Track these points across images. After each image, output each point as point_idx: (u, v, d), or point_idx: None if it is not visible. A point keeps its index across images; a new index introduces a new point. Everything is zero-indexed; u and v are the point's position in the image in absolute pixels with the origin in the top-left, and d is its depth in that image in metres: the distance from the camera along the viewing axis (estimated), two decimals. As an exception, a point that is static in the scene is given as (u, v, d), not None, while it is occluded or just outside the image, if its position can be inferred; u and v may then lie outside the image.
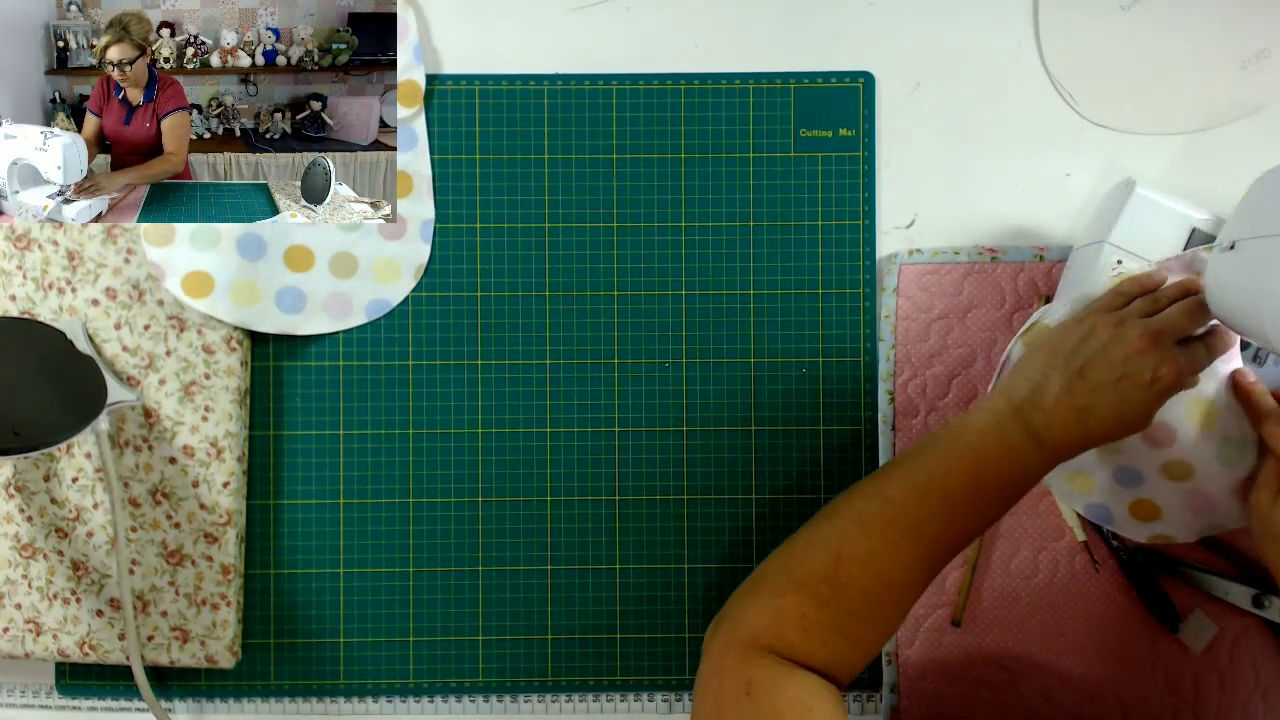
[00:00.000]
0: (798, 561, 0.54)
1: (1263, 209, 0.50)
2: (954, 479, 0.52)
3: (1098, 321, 0.54)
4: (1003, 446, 0.52)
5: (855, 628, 0.52)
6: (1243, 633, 0.66)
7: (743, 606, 0.54)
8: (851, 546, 0.53)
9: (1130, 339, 0.52)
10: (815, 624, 0.51)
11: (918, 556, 0.52)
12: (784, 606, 0.52)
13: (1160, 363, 0.52)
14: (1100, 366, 0.52)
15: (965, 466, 0.53)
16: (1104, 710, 0.66)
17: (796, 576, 0.53)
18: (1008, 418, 0.53)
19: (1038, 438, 0.52)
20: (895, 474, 0.55)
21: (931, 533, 0.52)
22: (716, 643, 0.53)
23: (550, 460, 0.69)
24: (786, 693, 0.49)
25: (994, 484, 0.53)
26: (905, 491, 0.53)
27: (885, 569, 0.52)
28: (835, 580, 0.52)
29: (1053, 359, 0.54)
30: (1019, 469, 0.53)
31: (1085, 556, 0.67)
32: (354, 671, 0.68)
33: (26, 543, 0.67)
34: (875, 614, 0.52)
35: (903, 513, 0.53)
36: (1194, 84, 0.69)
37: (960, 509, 0.53)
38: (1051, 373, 0.53)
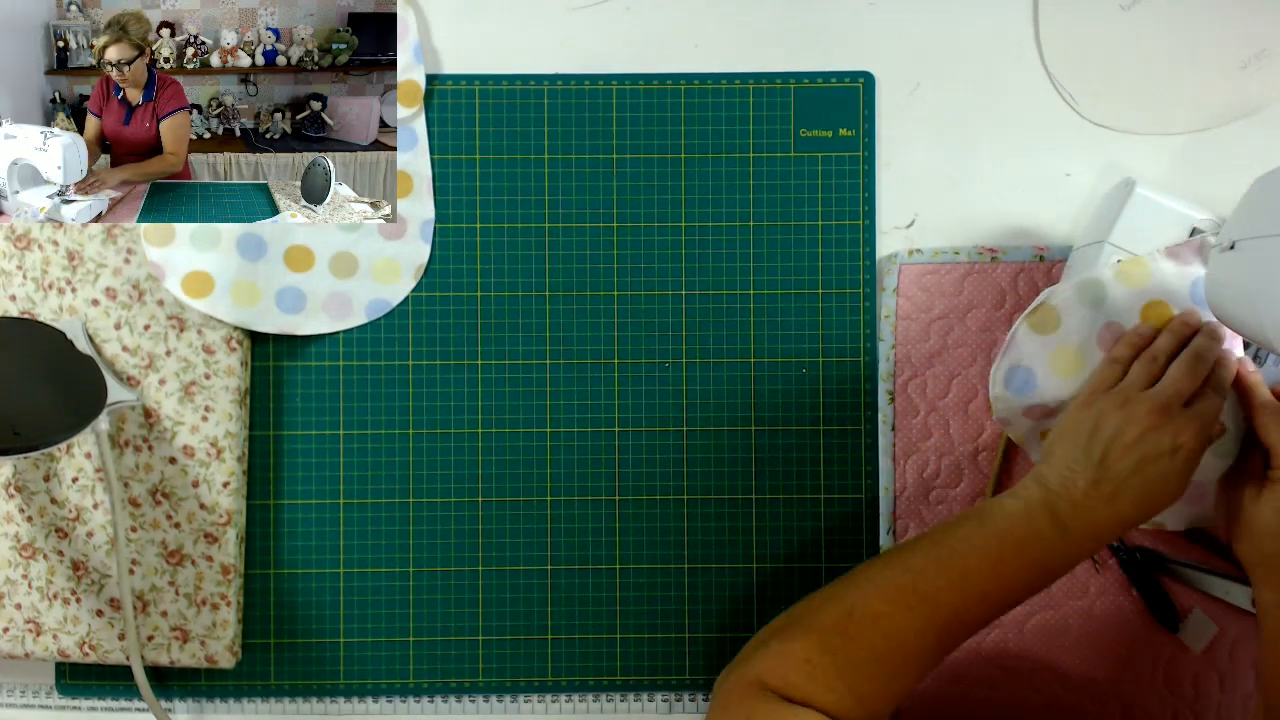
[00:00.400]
0: (810, 614, 0.54)
1: (1263, 209, 0.50)
2: (976, 556, 0.53)
3: (1104, 406, 0.55)
4: (1029, 532, 0.53)
5: (860, 681, 0.52)
6: (1243, 633, 0.66)
7: (753, 651, 0.54)
8: (864, 605, 0.53)
9: (1139, 416, 0.53)
10: (820, 670, 0.51)
11: (930, 624, 0.52)
12: (791, 650, 0.52)
13: (1177, 433, 0.52)
14: (1118, 453, 0.52)
15: (989, 546, 0.53)
16: (1104, 710, 0.66)
17: (807, 626, 0.53)
18: (1037, 505, 0.53)
19: (1064, 527, 0.52)
20: (920, 545, 0.55)
21: (947, 603, 0.52)
22: (724, 686, 0.53)
23: (550, 460, 0.69)
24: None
25: (1015, 567, 0.53)
26: (926, 562, 0.54)
27: (895, 630, 0.52)
28: (845, 633, 0.52)
29: (1073, 451, 0.54)
30: (1041, 556, 0.53)
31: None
32: (354, 671, 0.68)
33: (26, 543, 0.67)
34: (881, 672, 0.52)
35: (920, 580, 0.53)
36: (1194, 84, 0.69)
37: (978, 586, 0.53)
38: (1076, 466, 0.53)
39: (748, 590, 0.69)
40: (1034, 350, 0.61)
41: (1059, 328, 0.60)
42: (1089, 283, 0.59)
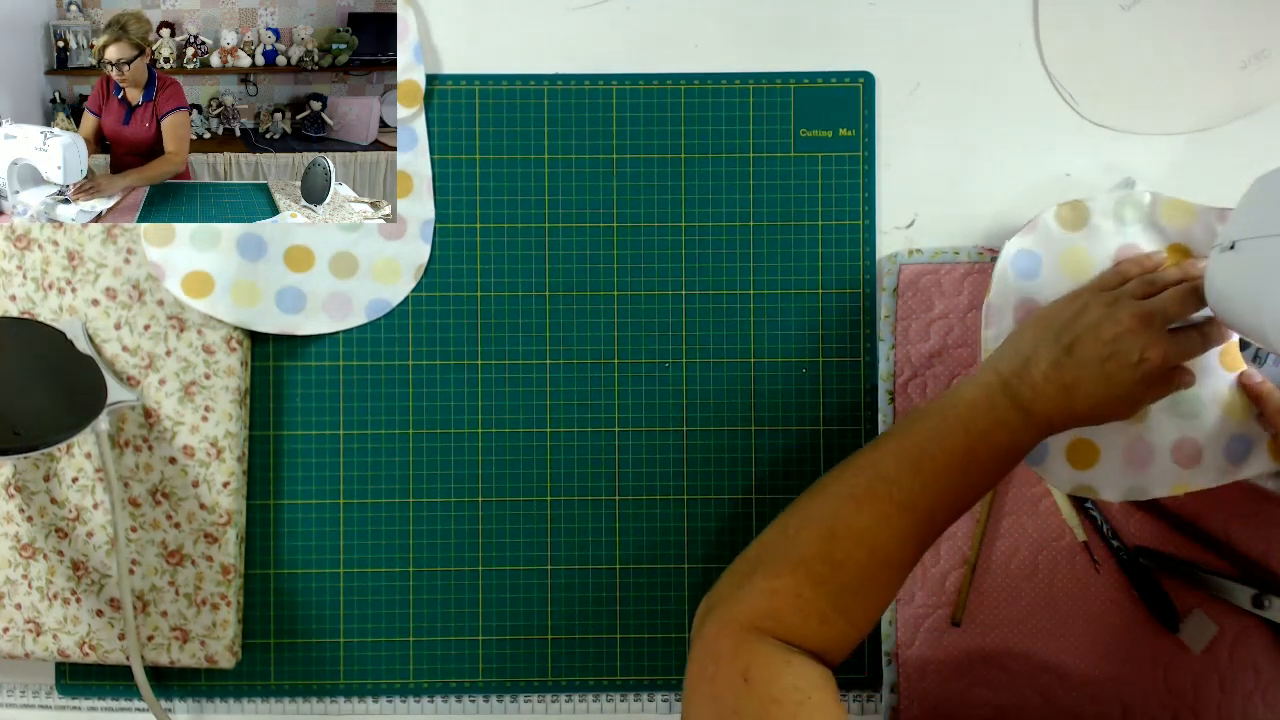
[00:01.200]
0: (791, 541, 0.54)
1: (1263, 209, 0.50)
2: (945, 452, 0.53)
3: (1091, 299, 0.55)
4: (992, 419, 0.53)
5: (851, 604, 0.52)
6: (1243, 633, 0.66)
7: (737, 588, 0.53)
8: (845, 523, 0.53)
9: (1121, 318, 0.53)
10: (812, 603, 0.51)
11: (912, 530, 0.53)
12: (780, 588, 0.52)
13: (1148, 345, 0.52)
14: (1088, 343, 0.52)
15: (956, 439, 0.53)
16: (1104, 710, 0.66)
17: (791, 556, 0.53)
18: (996, 390, 0.53)
19: (1026, 410, 0.53)
20: (887, 448, 0.55)
21: (926, 506, 0.53)
22: (710, 626, 0.53)
23: (550, 460, 0.69)
24: (783, 680, 0.49)
25: (985, 456, 0.53)
26: (898, 466, 0.53)
27: (880, 544, 0.52)
28: (830, 558, 0.52)
29: (1043, 333, 0.54)
30: (1009, 441, 0.53)
31: (1085, 556, 0.67)
32: (354, 671, 0.68)
33: (26, 543, 0.67)
34: (871, 589, 0.53)
35: (896, 487, 0.53)
36: (1194, 84, 0.69)
37: (953, 482, 0.53)
38: (1041, 347, 0.53)
39: (748, 590, 0.68)
40: (1051, 240, 0.61)
41: (1083, 228, 0.61)
42: (1133, 201, 0.60)
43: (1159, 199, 0.60)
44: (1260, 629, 0.66)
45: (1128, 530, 0.67)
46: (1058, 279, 0.61)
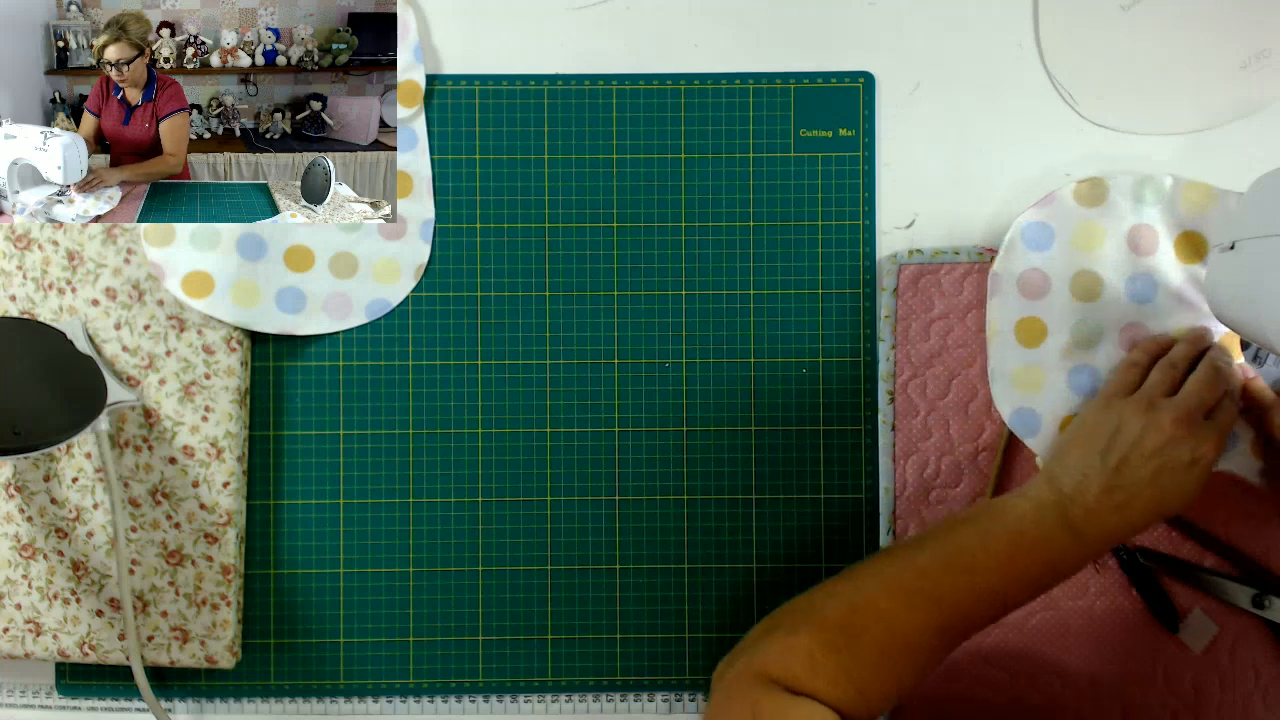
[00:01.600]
0: (814, 608, 0.54)
1: (1262, 209, 0.50)
2: (985, 557, 0.53)
3: (1125, 411, 0.54)
4: (1040, 534, 0.53)
5: (863, 677, 0.52)
6: (1243, 633, 0.66)
7: (755, 643, 0.54)
8: (870, 601, 0.53)
9: (1164, 426, 0.52)
10: (823, 666, 0.51)
11: (935, 623, 0.52)
12: (795, 645, 0.52)
13: (1198, 445, 0.52)
14: (1136, 462, 0.52)
15: (999, 547, 0.53)
16: (1104, 710, 0.66)
17: (811, 620, 0.53)
18: (1049, 508, 0.53)
19: (1077, 532, 0.52)
20: (928, 544, 0.55)
21: (953, 603, 0.52)
22: (727, 676, 0.53)
23: (550, 460, 0.69)
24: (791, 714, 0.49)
25: (1024, 568, 0.53)
26: (933, 561, 0.53)
27: (899, 628, 0.52)
28: (848, 629, 0.52)
29: (1089, 456, 0.54)
30: (1052, 559, 0.53)
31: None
32: (354, 671, 0.68)
33: (26, 543, 0.67)
34: (884, 669, 0.52)
35: (925, 580, 0.53)
36: (1194, 84, 0.69)
37: (985, 586, 0.53)
38: (1090, 471, 0.53)
39: (748, 590, 0.69)
40: (1066, 214, 0.61)
41: (1101, 204, 0.61)
42: (1153, 183, 0.60)
43: (1180, 182, 0.61)
44: (1260, 629, 0.66)
45: (1128, 530, 0.67)
46: (1068, 253, 0.62)
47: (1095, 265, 0.62)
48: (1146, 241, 0.61)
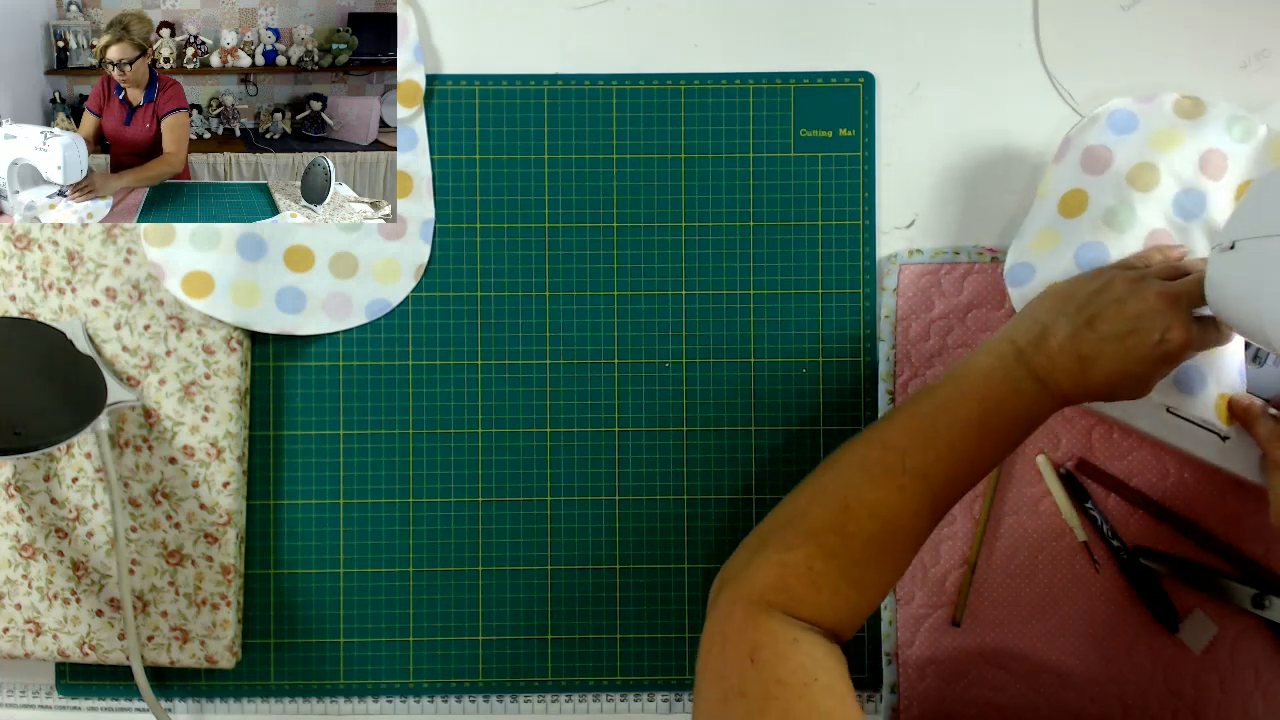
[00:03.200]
0: (803, 514, 0.54)
1: (1263, 209, 0.50)
2: (959, 422, 0.53)
3: (1116, 276, 0.54)
4: (1007, 388, 0.52)
5: (863, 575, 0.52)
6: (1243, 633, 0.66)
7: (748, 562, 0.53)
8: (858, 495, 0.52)
9: (1147, 296, 0.52)
10: (823, 575, 0.51)
11: (925, 501, 0.52)
12: (791, 560, 0.52)
13: (1171, 325, 0.51)
14: (1111, 319, 0.52)
15: (970, 409, 0.53)
16: (1104, 710, 0.66)
17: (803, 529, 0.53)
18: (1011, 360, 0.53)
19: (1040, 380, 0.52)
20: (899, 420, 0.54)
21: (938, 476, 0.52)
22: (723, 600, 0.53)
23: (550, 460, 0.69)
24: (790, 662, 0.49)
25: (999, 425, 0.53)
26: (910, 437, 0.53)
27: (893, 515, 0.52)
28: (843, 530, 0.52)
29: (1064, 305, 0.54)
30: (1024, 410, 0.53)
31: (1085, 556, 0.67)
32: (354, 671, 0.68)
33: (26, 543, 0.67)
34: (883, 560, 0.52)
35: (908, 458, 0.52)
36: (1194, 84, 0.69)
37: (966, 452, 0.53)
38: (1060, 318, 0.53)
39: (748, 590, 0.68)
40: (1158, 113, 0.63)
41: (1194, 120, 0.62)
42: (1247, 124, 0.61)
43: (1274, 134, 0.61)
44: (1260, 629, 0.66)
45: (1128, 530, 0.67)
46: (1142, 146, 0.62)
47: (1160, 163, 0.61)
48: (1215, 167, 0.61)
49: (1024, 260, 0.62)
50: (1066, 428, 0.67)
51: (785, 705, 0.47)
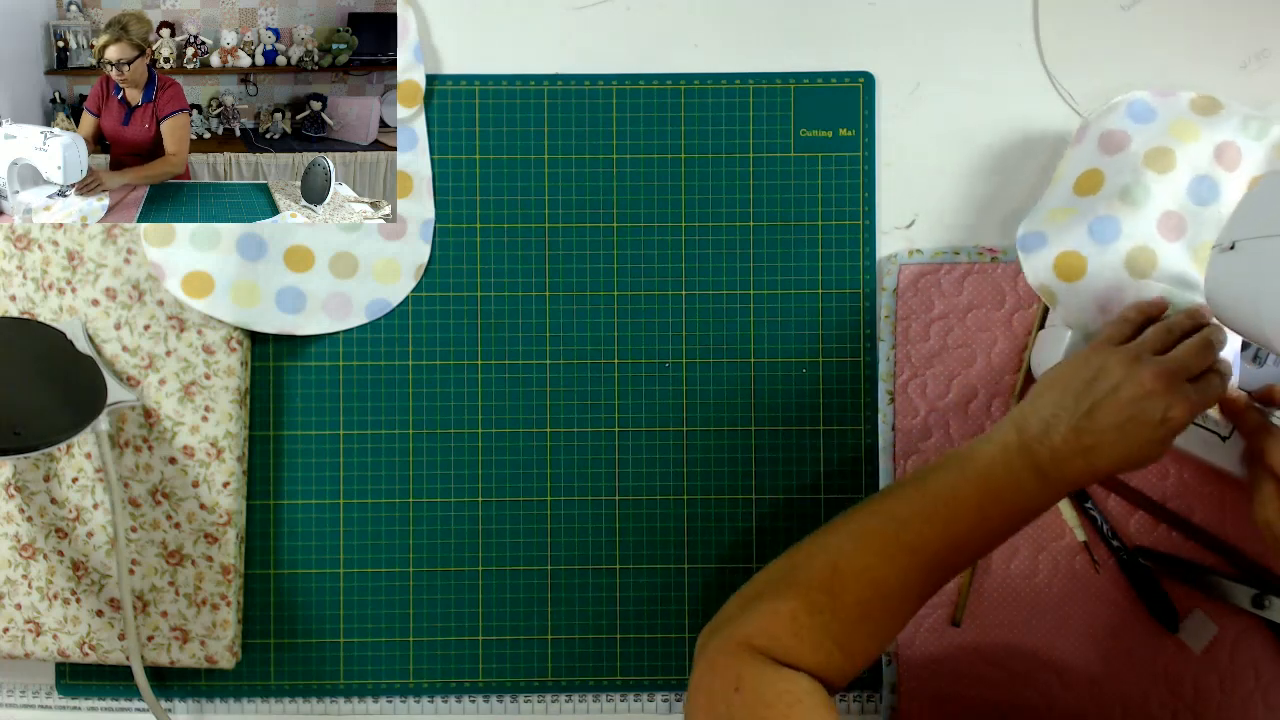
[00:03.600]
0: (795, 570, 0.55)
1: (1263, 209, 0.50)
2: (959, 504, 0.53)
3: (1110, 359, 0.54)
4: (1009, 479, 0.53)
5: (848, 636, 0.53)
6: (1243, 633, 0.66)
7: (739, 611, 0.54)
8: (849, 559, 0.53)
9: (1143, 379, 0.52)
10: (807, 629, 0.52)
11: (914, 573, 0.53)
12: (779, 610, 0.53)
13: (1172, 404, 0.52)
14: (1108, 409, 0.52)
15: (971, 493, 0.53)
16: (1104, 710, 0.66)
17: (793, 582, 0.54)
18: (1014, 452, 0.53)
19: (1043, 474, 0.53)
20: (901, 494, 0.55)
21: (931, 551, 0.53)
22: (711, 646, 0.54)
23: (550, 460, 0.69)
24: (775, 687, 0.50)
25: (997, 513, 0.53)
26: (909, 511, 0.54)
27: (882, 582, 0.53)
28: (830, 589, 0.53)
29: (1063, 398, 0.54)
30: (1023, 502, 0.53)
31: (1085, 556, 0.67)
32: (354, 671, 0.68)
33: (26, 543, 0.67)
34: (868, 624, 0.53)
35: (904, 530, 0.53)
36: (1194, 84, 0.69)
37: (962, 532, 0.53)
38: (1061, 412, 0.53)
39: (748, 590, 0.69)
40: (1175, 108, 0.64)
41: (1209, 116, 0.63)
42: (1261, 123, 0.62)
43: None
44: (1260, 629, 0.66)
45: (1128, 530, 0.67)
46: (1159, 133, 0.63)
47: (1176, 149, 0.62)
48: (1230, 159, 0.62)
49: (1037, 229, 0.63)
50: (1066, 428, 0.67)
51: None
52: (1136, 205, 0.60)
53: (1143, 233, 0.60)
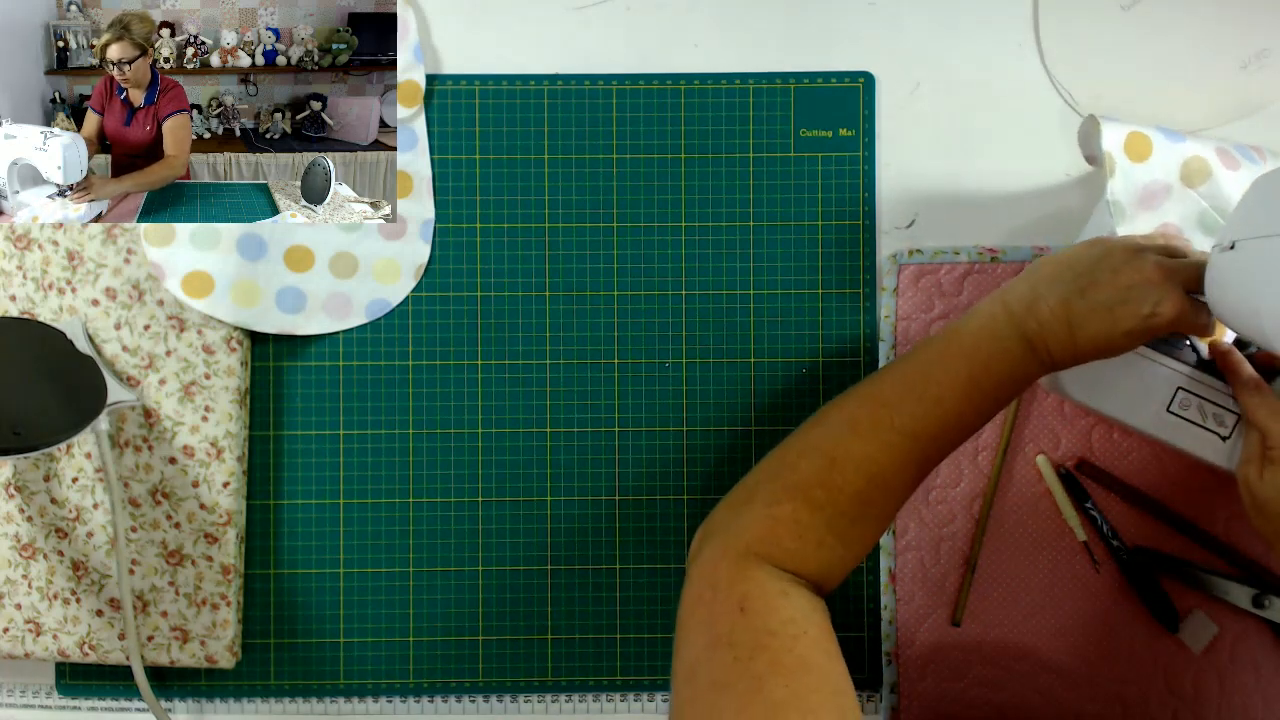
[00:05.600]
0: (790, 468, 0.54)
1: (1263, 209, 0.50)
2: (949, 380, 0.53)
3: (1116, 245, 0.54)
4: (997, 349, 0.53)
5: (848, 529, 0.52)
6: (1243, 633, 0.66)
7: (735, 515, 0.54)
8: (845, 450, 0.53)
9: (1143, 267, 0.52)
10: (809, 528, 0.52)
11: (911, 457, 0.53)
12: (778, 514, 0.52)
13: (1163, 299, 0.51)
14: (1104, 287, 0.52)
15: (959, 367, 0.53)
16: (1104, 710, 0.66)
17: (790, 483, 0.53)
18: (1002, 321, 0.53)
19: (1031, 344, 0.52)
20: (889, 377, 0.55)
21: (926, 433, 0.53)
22: (708, 552, 0.53)
23: (550, 460, 0.69)
24: (780, 614, 0.49)
25: (988, 385, 0.53)
26: (900, 393, 0.53)
27: (879, 470, 0.52)
28: (829, 484, 0.52)
29: (1059, 270, 0.54)
30: (1013, 372, 0.53)
31: (1085, 556, 0.67)
32: (354, 671, 0.68)
33: (26, 543, 0.67)
34: (868, 514, 0.53)
35: (897, 414, 0.53)
36: (1194, 84, 0.69)
37: (954, 409, 0.53)
38: (1055, 284, 0.53)
39: (748, 590, 0.68)
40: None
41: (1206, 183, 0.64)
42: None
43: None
44: (1260, 629, 0.66)
45: (1128, 530, 0.67)
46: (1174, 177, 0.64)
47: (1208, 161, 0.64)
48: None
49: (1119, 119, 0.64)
50: (1066, 428, 0.67)
51: (774, 656, 0.47)
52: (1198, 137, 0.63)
53: (1204, 150, 0.62)
